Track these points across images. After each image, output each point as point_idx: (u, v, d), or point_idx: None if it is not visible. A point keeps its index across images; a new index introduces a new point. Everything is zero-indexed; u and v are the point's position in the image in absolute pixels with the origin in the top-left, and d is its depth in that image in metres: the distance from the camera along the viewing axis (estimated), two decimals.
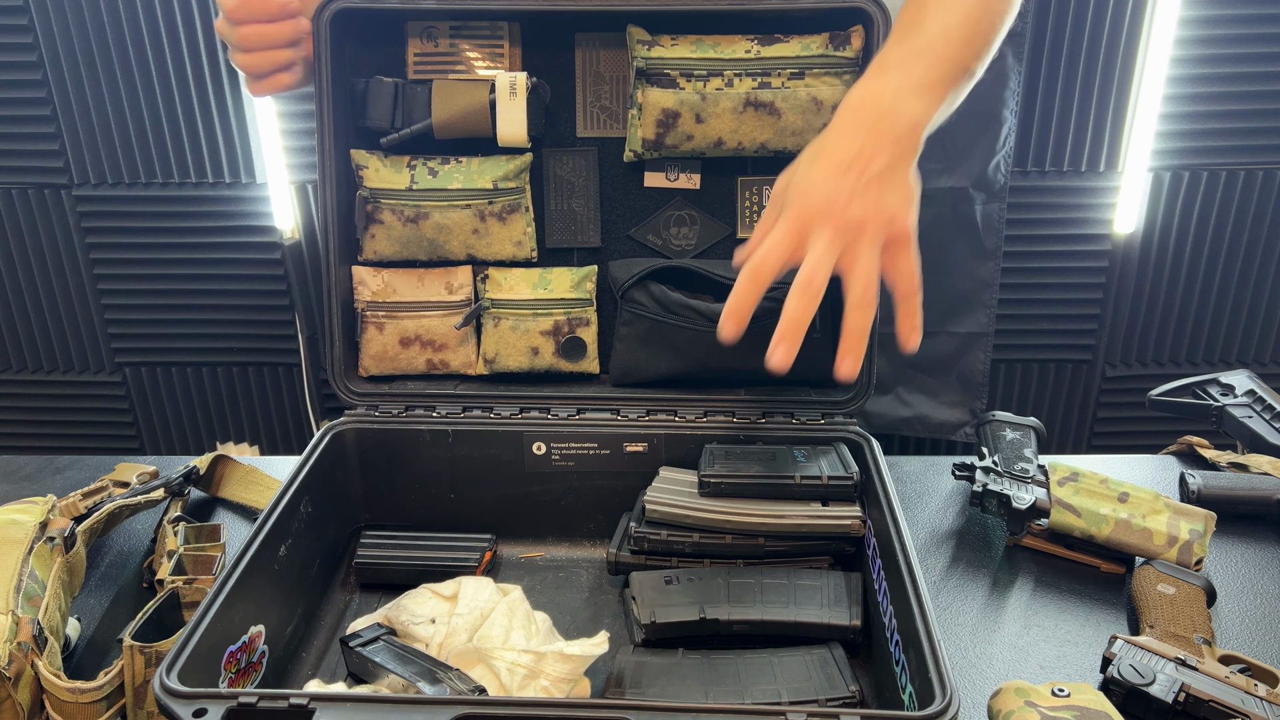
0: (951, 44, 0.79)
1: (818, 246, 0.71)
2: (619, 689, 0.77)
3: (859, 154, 0.73)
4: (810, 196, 0.73)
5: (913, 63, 0.78)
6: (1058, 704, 0.70)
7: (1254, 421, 1.11)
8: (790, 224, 0.73)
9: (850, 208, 0.72)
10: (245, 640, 0.74)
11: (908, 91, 0.76)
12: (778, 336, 0.71)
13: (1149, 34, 1.68)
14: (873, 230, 0.72)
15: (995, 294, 1.73)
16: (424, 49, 1.00)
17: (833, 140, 0.75)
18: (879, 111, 0.75)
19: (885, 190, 0.73)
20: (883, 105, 0.75)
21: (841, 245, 0.72)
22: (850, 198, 0.72)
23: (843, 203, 0.72)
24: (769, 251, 0.72)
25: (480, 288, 1.03)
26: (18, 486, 1.10)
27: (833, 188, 0.72)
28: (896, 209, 0.73)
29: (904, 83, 0.76)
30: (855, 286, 0.72)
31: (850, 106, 0.77)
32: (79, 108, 1.80)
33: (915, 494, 1.08)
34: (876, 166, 0.73)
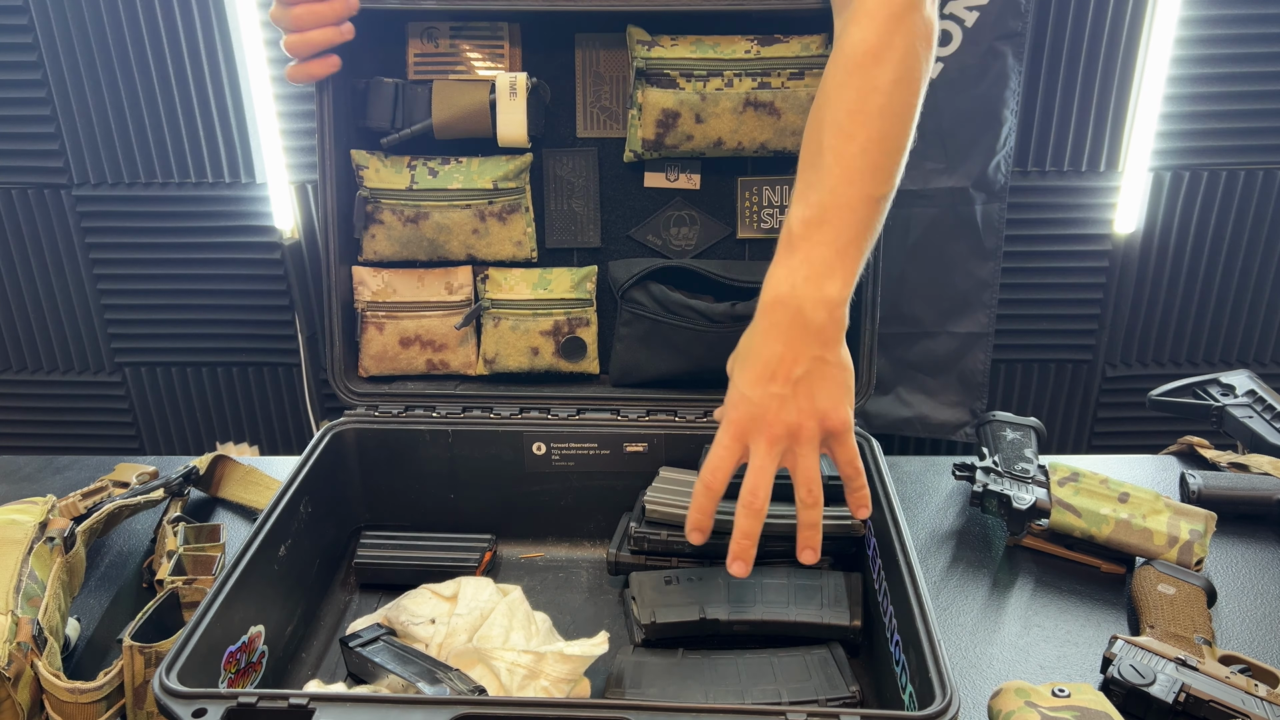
0: (855, 186, 0.75)
1: (756, 457, 0.74)
2: (619, 689, 0.77)
3: (780, 361, 0.74)
4: (741, 409, 0.75)
5: (817, 234, 0.74)
6: (1058, 704, 0.70)
7: (1254, 422, 1.11)
8: (729, 434, 0.75)
9: (781, 416, 0.73)
10: (245, 640, 0.74)
11: (818, 276, 0.74)
12: (732, 554, 0.74)
13: (1149, 34, 1.68)
14: (808, 432, 0.74)
15: (995, 294, 1.73)
16: (424, 49, 1.00)
17: (756, 345, 0.76)
18: (793, 309, 0.74)
19: (814, 392, 0.74)
20: (796, 300, 0.74)
21: (779, 451, 0.74)
22: (780, 407, 0.73)
23: (773, 413, 0.74)
24: (715, 466, 0.75)
25: (480, 288, 1.03)
26: (17, 486, 1.10)
27: (760, 399, 0.74)
28: (829, 407, 0.74)
29: (813, 266, 0.74)
30: (800, 488, 0.75)
31: (766, 305, 0.76)
32: (79, 108, 1.80)
33: (915, 494, 1.08)
34: (799, 371, 0.74)
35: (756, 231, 1.02)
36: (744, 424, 0.75)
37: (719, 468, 0.75)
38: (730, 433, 0.75)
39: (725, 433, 0.75)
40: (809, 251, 0.75)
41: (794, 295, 0.74)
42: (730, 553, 0.74)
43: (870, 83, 0.75)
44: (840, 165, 0.75)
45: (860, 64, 0.76)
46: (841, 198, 0.75)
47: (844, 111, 0.76)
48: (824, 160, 0.76)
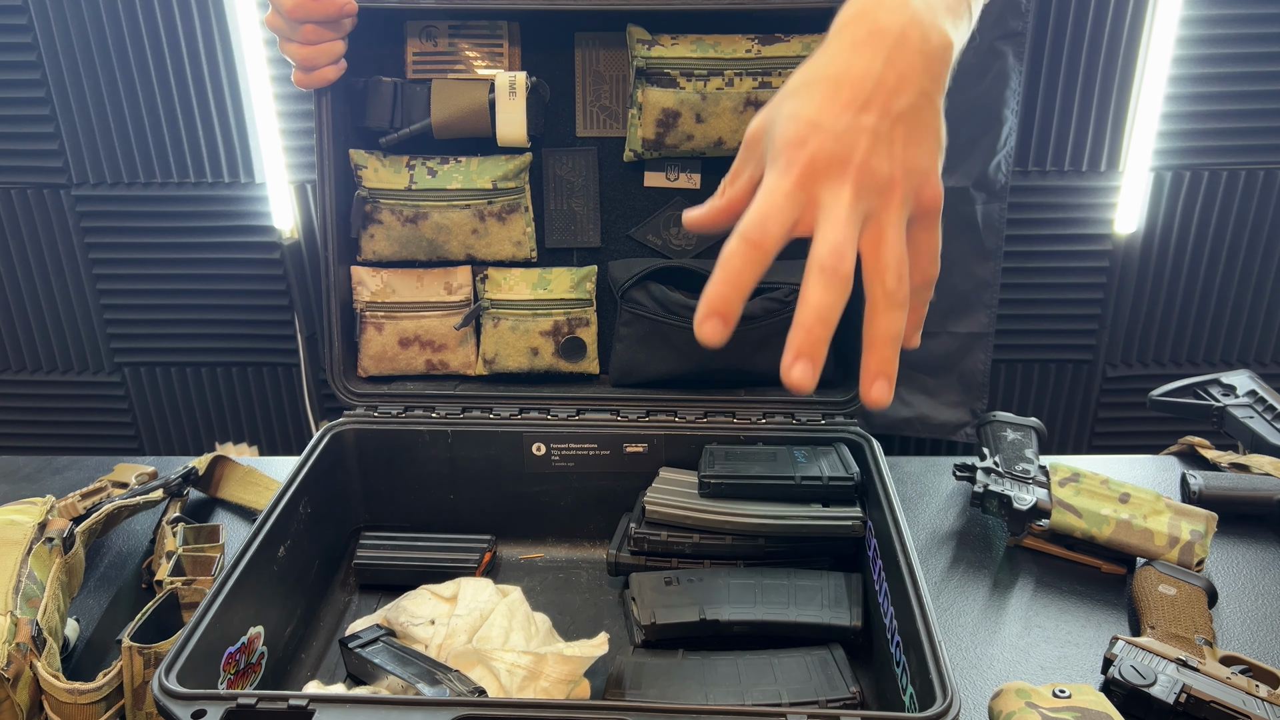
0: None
1: (838, 210, 0.52)
2: (619, 690, 0.77)
3: (880, 82, 0.54)
4: (814, 143, 0.53)
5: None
6: (1059, 705, 0.70)
7: (1255, 422, 1.11)
8: (795, 174, 0.53)
9: (874, 159, 0.53)
10: (244, 641, 0.74)
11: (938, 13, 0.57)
12: (797, 348, 0.52)
13: (1149, 34, 1.68)
14: (902, 195, 0.55)
15: (996, 294, 1.73)
16: (423, 48, 1.00)
17: (840, 58, 0.56)
18: (905, 17, 0.55)
19: (915, 138, 0.55)
20: (909, 9, 0.55)
21: (865, 209, 0.54)
22: (873, 145, 0.53)
23: (864, 150, 0.53)
24: (769, 212, 0.53)
25: (480, 288, 1.03)
26: (16, 487, 1.10)
27: (848, 127, 0.53)
28: (929, 166, 0.56)
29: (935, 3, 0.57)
30: (885, 275, 0.54)
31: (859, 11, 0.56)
32: (78, 108, 1.80)
33: (916, 494, 1.08)
34: (903, 102, 0.54)
35: None
36: (819, 164, 0.53)
37: (771, 218, 0.52)
38: (794, 175, 0.53)
39: (787, 176, 0.53)
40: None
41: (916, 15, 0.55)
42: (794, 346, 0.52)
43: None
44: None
45: None
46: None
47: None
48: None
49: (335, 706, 0.61)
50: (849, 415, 0.97)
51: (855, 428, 0.95)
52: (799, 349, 0.51)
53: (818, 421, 0.96)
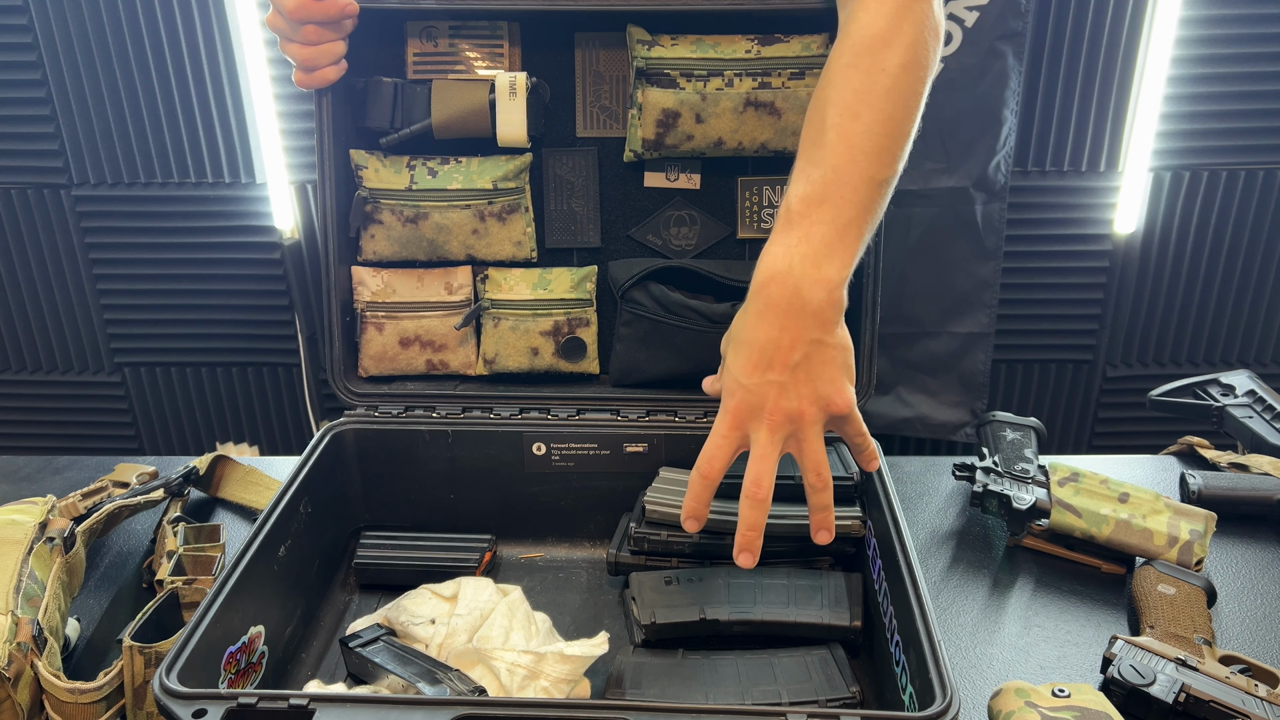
0: (858, 166, 0.72)
1: (758, 445, 0.72)
2: (619, 689, 0.77)
3: (777, 347, 0.71)
4: (738, 396, 0.73)
5: (816, 212, 0.72)
6: (1058, 704, 0.70)
7: (1254, 422, 1.11)
8: (726, 423, 0.73)
9: (781, 404, 0.71)
10: (245, 641, 0.74)
11: (817, 255, 0.71)
12: (739, 546, 0.72)
13: (1149, 34, 1.68)
14: (810, 417, 0.72)
15: (995, 294, 1.73)
16: (423, 49, 1.00)
17: (750, 328, 0.73)
18: (789, 289, 0.71)
19: (814, 377, 0.72)
20: (792, 279, 0.71)
21: (781, 438, 0.72)
22: (779, 395, 0.71)
23: (772, 400, 0.71)
24: (712, 455, 0.73)
25: (480, 288, 1.03)
26: (17, 487, 1.10)
27: (757, 387, 0.71)
28: (830, 391, 0.72)
29: (811, 244, 0.71)
30: (808, 474, 0.73)
31: (760, 284, 0.73)
32: (79, 108, 1.80)
33: (916, 494, 1.08)
34: (797, 357, 0.71)
35: (756, 231, 1.02)
36: (742, 413, 0.72)
37: (715, 456, 0.73)
38: (728, 422, 0.73)
39: (722, 422, 0.73)
40: (808, 229, 0.72)
41: (790, 274, 0.71)
42: (736, 544, 0.72)
43: (878, 65, 0.74)
44: (844, 144, 0.73)
45: (868, 47, 0.75)
46: (844, 176, 0.72)
47: (850, 91, 0.74)
48: (827, 139, 0.73)
49: (335, 706, 0.62)
50: None
51: None
52: (741, 546, 0.73)
53: None
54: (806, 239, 0.72)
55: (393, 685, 0.74)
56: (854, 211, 0.72)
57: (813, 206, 0.72)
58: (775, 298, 0.72)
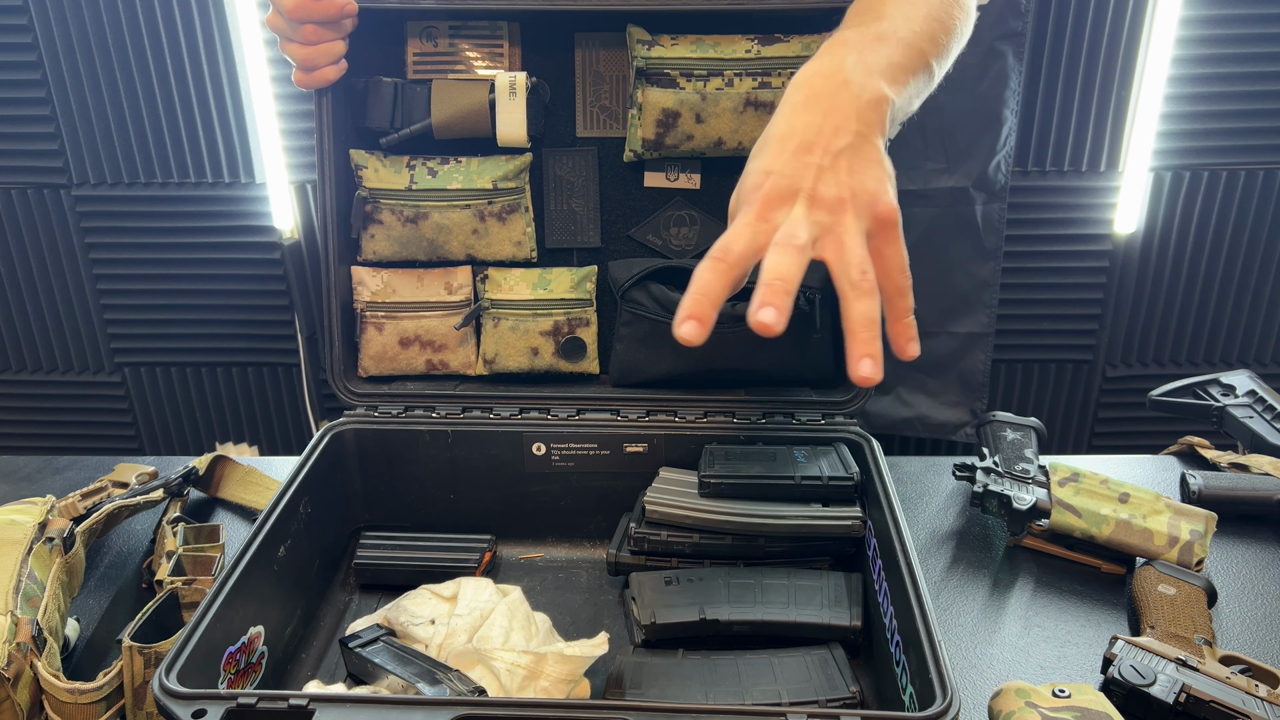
0: (916, 34, 0.71)
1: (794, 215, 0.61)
2: (619, 690, 0.77)
3: (820, 131, 0.62)
4: (772, 179, 0.62)
5: (874, 44, 0.67)
6: (1058, 704, 0.70)
7: (1255, 422, 1.11)
8: (755, 209, 0.61)
9: (820, 186, 0.61)
10: (245, 641, 0.74)
11: (870, 68, 0.65)
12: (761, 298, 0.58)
13: (1149, 34, 1.68)
14: (854, 209, 0.61)
15: (996, 294, 1.73)
16: (423, 49, 1.00)
17: (784, 121, 0.64)
18: (838, 81, 0.64)
19: (858, 167, 0.62)
20: (841, 75, 0.64)
21: (818, 226, 0.61)
22: (818, 176, 0.61)
23: (810, 181, 0.61)
24: (733, 236, 0.61)
25: (480, 288, 1.03)
26: (17, 487, 1.10)
27: (794, 169, 0.61)
28: (876, 187, 0.62)
29: (866, 59, 0.66)
30: (849, 270, 0.60)
31: (802, 81, 0.65)
32: (79, 108, 1.80)
33: (916, 494, 1.08)
34: (841, 142, 0.62)
35: None
36: (773, 198, 0.61)
37: (735, 239, 0.60)
38: (755, 210, 0.61)
39: (749, 210, 0.61)
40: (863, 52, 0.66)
41: (839, 71, 0.64)
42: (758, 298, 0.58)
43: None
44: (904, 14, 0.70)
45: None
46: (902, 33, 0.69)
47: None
48: (885, 9, 0.71)
49: (335, 706, 0.62)
50: (849, 415, 0.97)
51: (855, 428, 0.95)
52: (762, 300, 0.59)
53: (818, 421, 0.96)
54: (865, 51, 0.66)
55: (392, 685, 0.74)
56: (911, 60, 0.68)
57: (871, 40, 0.67)
58: (820, 88, 0.64)
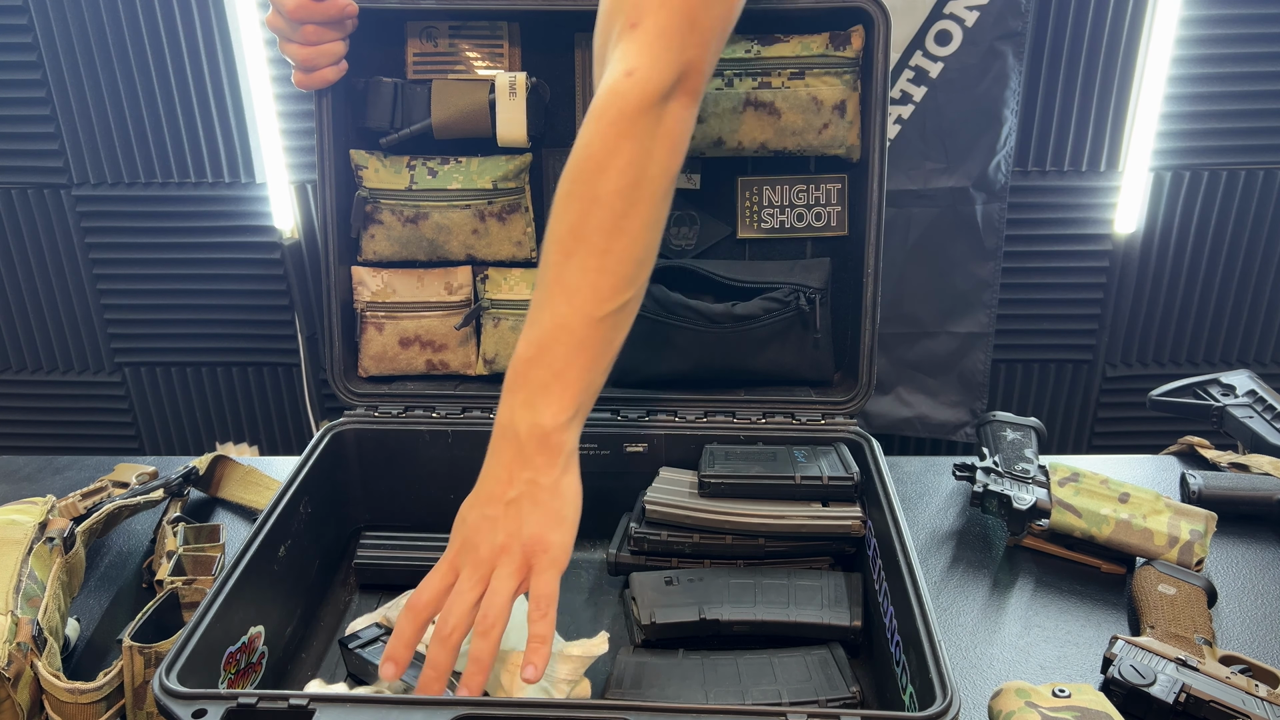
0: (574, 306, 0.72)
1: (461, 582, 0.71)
2: (619, 689, 0.77)
3: (497, 483, 0.73)
4: (459, 533, 0.73)
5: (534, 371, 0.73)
6: (1058, 704, 0.70)
7: (1255, 422, 1.11)
8: (446, 560, 0.73)
9: (490, 537, 0.71)
10: (245, 641, 0.74)
11: (534, 403, 0.72)
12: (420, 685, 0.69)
13: (1149, 34, 1.68)
14: (510, 554, 0.70)
15: (995, 294, 1.73)
16: (423, 49, 1.00)
17: (483, 472, 0.74)
18: (510, 436, 0.73)
19: (523, 515, 0.71)
20: (514, 427, 0.73)
21: (481, 576, 0.70)
22: (491, 529, 0.71)
23: (484, 534, 0.71)
24: (425, 589, 0.71)
25: (480, 288, 1.03)
26: (17, 487, 1.10)
27: (474, 521, 0.72)
28: (537, 533, 0.70)
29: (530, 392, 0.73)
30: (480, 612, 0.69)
31: (494, 434, 0.75)
32: (79, 108, 1.80)
33: (916, 494, 1.08)
34: (512, 494, 0.72)
35: (756, 231, 1.02)
36: (458, 549, 0.72)
37: (425, 588, 0.71)
38: (447, 559, 0.73)
39: (444, 559, 0.73)
40: (529, 377, 0.73)
41: (513, 423, 0.73)
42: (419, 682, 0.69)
43: (591, 193, 0.71)
44: (560, 288, 0.72)
45: (583, 171, 0.72)
46: (560, 319, 0.72)
47: (565, 227, 0.72)
48: (546, 280, 0.73)
49: (335, 706, 0.62)
50: (849, 415, 0.97)
51: (855, 428, 0.95)
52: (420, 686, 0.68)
53: (818, 421, 0.96)
54: (526, 386, 0.73)
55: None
56: (571, 354, 0.73)
57: (531, 366, 0.73)
58: (501, 445, 0.73)
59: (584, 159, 0.72)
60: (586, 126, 0.72)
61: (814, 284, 0.99)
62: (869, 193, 0.95)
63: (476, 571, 0.70)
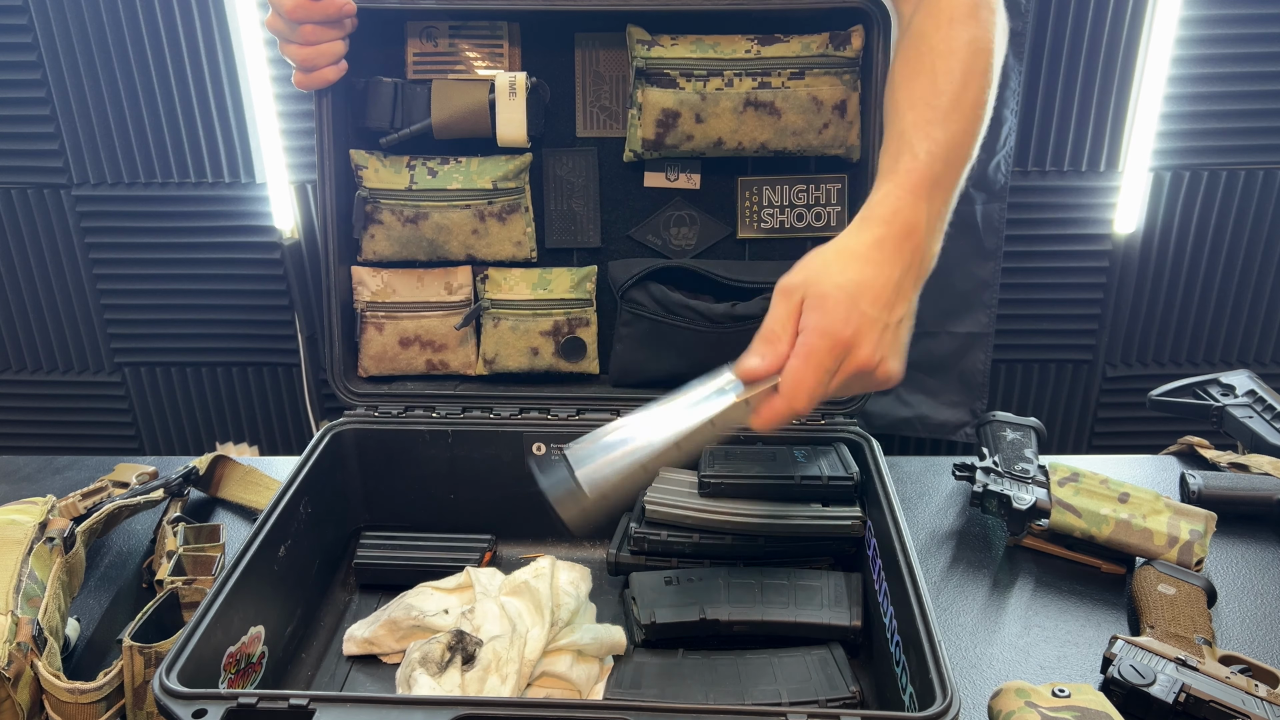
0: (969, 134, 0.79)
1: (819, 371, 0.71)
2: (619, 689, 0.77)
3: (899, 291, 0.74)
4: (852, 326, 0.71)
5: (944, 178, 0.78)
6: (1058, 704, 0.70)
7: (1254, 422, 1.11)
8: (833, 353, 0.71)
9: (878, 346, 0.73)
10: (245, 641, 0.74)
11: (937, 226, 0.78)
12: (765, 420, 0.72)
13: (1149, 34, 1.68)
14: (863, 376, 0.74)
15: (995, 294, 1.73)
16: (423, 49, 1.00)
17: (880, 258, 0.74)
18: (920, 248, 0.76)
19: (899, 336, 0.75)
20: (919, 237, 0.76)
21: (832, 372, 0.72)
22: (879, 336, 0.72)
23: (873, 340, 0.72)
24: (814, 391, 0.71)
25: (480, 288, 1.03)
26: (17, 487, 1.10)
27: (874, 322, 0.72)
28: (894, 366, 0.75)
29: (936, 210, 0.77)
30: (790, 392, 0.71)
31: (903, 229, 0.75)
32: (79, 108, 1.80)
33: (916, 494, 1.08)
34: (903, 311, 0.75)
35: (756, 231, 1.02)
36: (848, 343, 0.71)
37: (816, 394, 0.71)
38: (834, 352, 0.71)
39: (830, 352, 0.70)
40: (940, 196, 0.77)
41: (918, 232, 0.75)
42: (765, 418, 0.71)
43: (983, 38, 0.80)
44: (957, 111, 0.78)
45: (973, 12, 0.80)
46: (959, 143, 0.78)
47: (958, 60, 0.79)
48: (941, 101, 0.78)
49: (335, 706, 0.62)
50: (849, 415, 0.97)
51: (855, 428, 0.95)
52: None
53: (818, 421, 0.96)
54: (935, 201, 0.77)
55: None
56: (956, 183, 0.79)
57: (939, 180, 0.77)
58: (908, 247, 0.75)
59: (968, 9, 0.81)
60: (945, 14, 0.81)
61: None
62: None
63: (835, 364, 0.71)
